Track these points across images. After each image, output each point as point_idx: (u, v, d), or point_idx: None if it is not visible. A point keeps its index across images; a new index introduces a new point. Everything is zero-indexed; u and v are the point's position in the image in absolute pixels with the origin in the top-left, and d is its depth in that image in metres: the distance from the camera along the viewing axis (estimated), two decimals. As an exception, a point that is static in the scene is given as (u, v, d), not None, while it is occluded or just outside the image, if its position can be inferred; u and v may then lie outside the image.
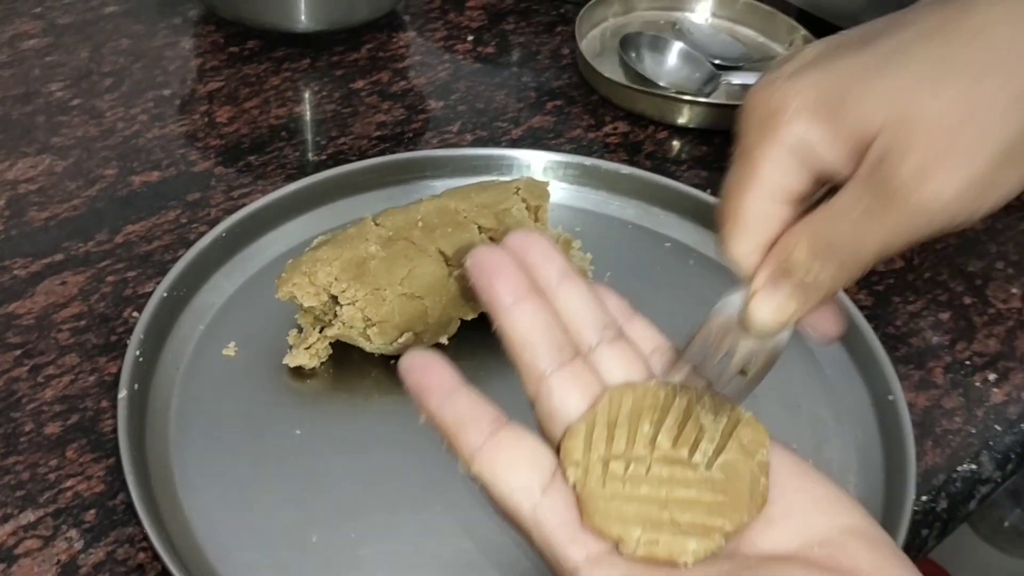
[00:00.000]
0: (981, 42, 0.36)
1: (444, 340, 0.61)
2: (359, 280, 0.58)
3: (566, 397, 0.39)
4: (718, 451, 0.38)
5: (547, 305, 0.39)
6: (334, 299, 0.58)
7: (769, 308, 0.40)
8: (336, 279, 0.57)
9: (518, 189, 0.63)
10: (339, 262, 0.57)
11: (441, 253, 0.60)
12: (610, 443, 0.38)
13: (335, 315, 0.58)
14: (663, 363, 0.42)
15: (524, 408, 0.39)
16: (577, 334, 0.40)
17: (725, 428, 0.39)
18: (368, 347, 0.59)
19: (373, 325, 0.58)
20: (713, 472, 0.38)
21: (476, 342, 0.62)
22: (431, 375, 0.38)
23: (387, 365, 0.60)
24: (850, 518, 0.37)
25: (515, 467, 0.36)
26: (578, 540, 0.36)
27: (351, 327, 0.58)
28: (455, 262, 0.59)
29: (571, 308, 0.40)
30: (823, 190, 0.40)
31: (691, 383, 0.41)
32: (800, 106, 0.37)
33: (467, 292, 0.60)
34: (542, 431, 0.39)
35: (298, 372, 0.60)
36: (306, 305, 0.58)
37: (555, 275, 0.40)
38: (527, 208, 0.63)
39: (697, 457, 0.38)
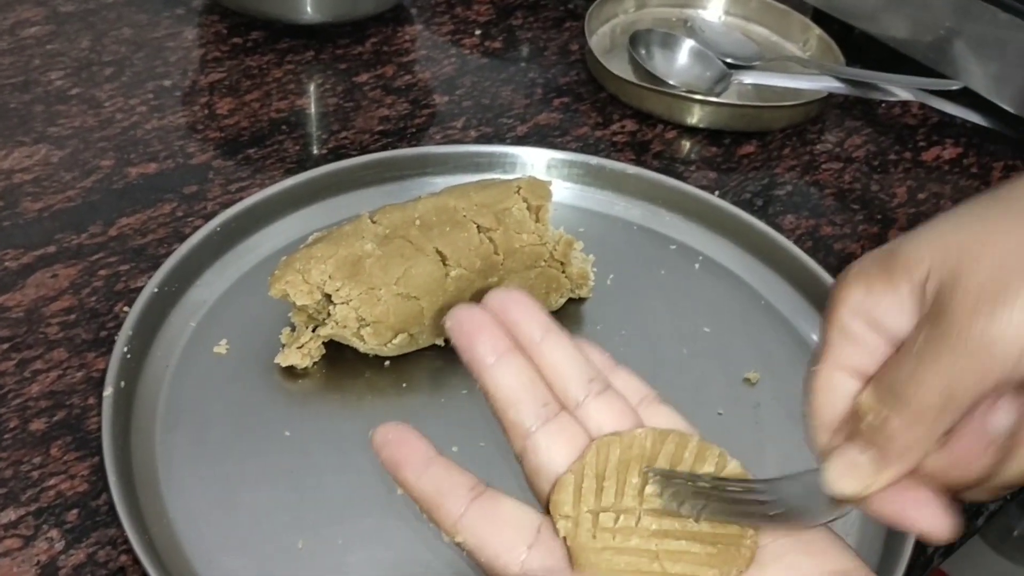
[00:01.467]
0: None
1: (440, 342, 0.60)
2: (354, 279, 0.56)
3: (553, 452, 0.38)
4: (705, 502, 0.37)
5: (530, 362, 0.38)
6: (328, 298, 0.57)
7: (843, 466, 0.36)
8: (330, 277, 0.56)
9: (519, 188, 0.62)
10: (334, 260, 0.56)
11: (439, 253, 0.58)
12: (599, 495, 0.38)
13: (328, 314, 0.57)
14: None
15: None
16: (563, 390, 0.39)
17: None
18: (362, 347, 0.58)
19: (367, 325, 0.56)
20: (701, 525, 0.37)
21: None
22: (405, 448, 0.38)
23: (381, 366, 0.59)
24: (839, 562, 0.36)
25: (499, 530, 0.36)
26: None
27: (344, 327, 0.57)
28: (453, 262, 0.58)
29: (555, 363, 0.39)
30: None
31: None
32: (857, 273, 0.37)
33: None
34: (531, 486, 0.39)
35: (290, 371, 0.58)
36: (299, 304, 0.56)
37: (538, 332, 0.39)
38: (528, 208, 0.61)
39: (685, 508, 0.37)
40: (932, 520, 0.35)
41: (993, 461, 0.35)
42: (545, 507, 0.38)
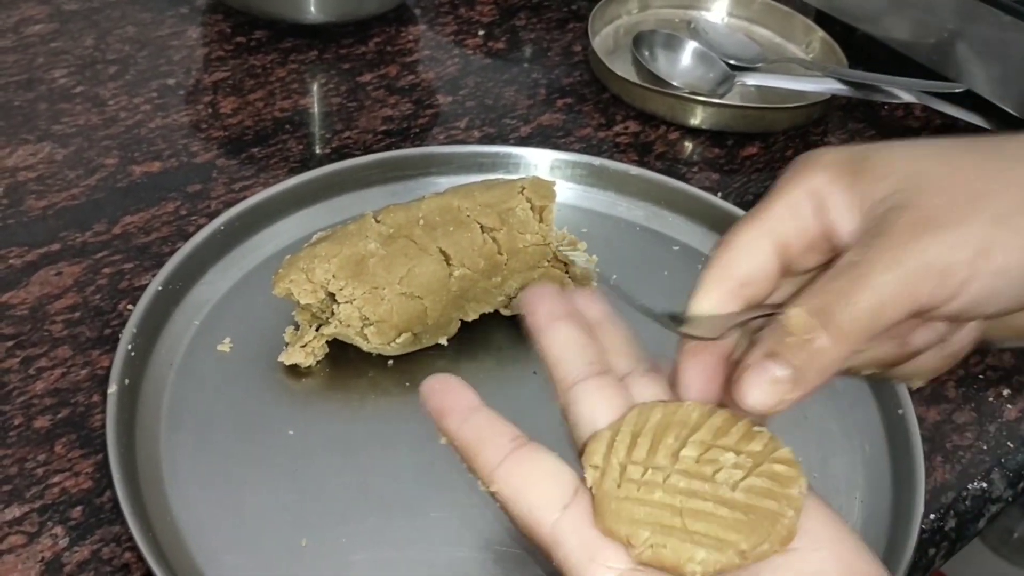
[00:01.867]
0: (1006, 148, 0.38)
1: (444, 341, 0.60)
2: (357, 278, 0.56)
3: (595, 406, 0.38)
4: (746, 475, 0.36)
5: (585, 330, 0.40)
6: (332, 297, 0.57)
7: (757, 381, 0.36)
8: (334, 277, 0.56)
9: (523, 188, 0.62)
10: (338, 259, 0.56)
11: (442, 252, 0.58)
12: (632, 450, 0.37)
13: (332, 313, 0.57)
14: None
15: (529, 413, 0.38)
16: (613, 361, 0.40)
17: (758, 456, 0.37)
18: (365, 346, 0.58)
19: (371, 324, 0.56)
20: (736, 493, 0.36)
21: (476, 343, 0.61)
22: (450, 396, 0.38)
23: (384, 365, 0.59)
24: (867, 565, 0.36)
25: (536, 484, 0.36)
26: (598, 559, 0.34)
27: (348, 326, 0.57)
28: (457, 261, 0.58)
29: (608, 340, 0.41)
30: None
31: None
32: (829, 162, 0.37)
33: (466, 292, 0.59)
34: (572, 441, 0.39)
35: (293, 370, 0.58)
36: (303, 303, 0.56)
37: (598, 315, 0.41)
38: (531, 208, 0.61)
39: (721, 476, 0.36)
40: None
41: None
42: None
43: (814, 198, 0.37)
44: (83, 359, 0.58)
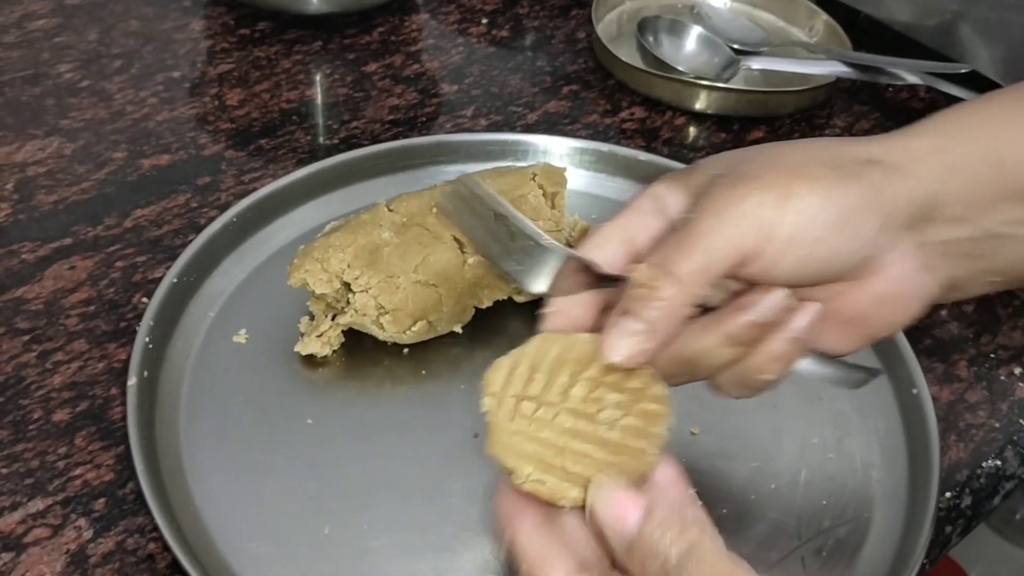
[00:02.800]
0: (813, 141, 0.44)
1: (458, 329, 0.60)
2: (372, 267, 0.56)
3: None
4: (624, 414, 0.40)
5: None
6: (347, 286, 0.57)
7: (617, 335, 0.41)
8: (349, 266, 0.56)
9: (535, 175, 0.62)
10: (352, 248, 0.56)
11: (456, 240, 0.58)
12: (528, 384, 0.40)
13: (347, 302, 0.57)
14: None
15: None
16: None
17: (637, 393, 0.41)
18: (381, 335, 0.58)
19: (386, 313, 0.57)
20: (612, 433, 0.40)
21: (491, 331, 0.61)
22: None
23: (399, 354, 0.59)
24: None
25: None
26: None
27: (364, 315, 0.57)
28: (471, 249, 0.58)
29: None
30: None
31: None
32: (667, 176, 0.44)
33: (482, 280, 0.59)
34: None
35: (310, 360, 0.59)
36: (318, 292, 0.57)
37: None
38: (544, 195, 0.62)
39: (603, 415, 0.40)
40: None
41: (739, 353, 0.42)
42: None
43: (655, 199, 0.43)
44: (100, 352, 0.58)
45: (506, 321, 0.62)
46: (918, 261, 0.43)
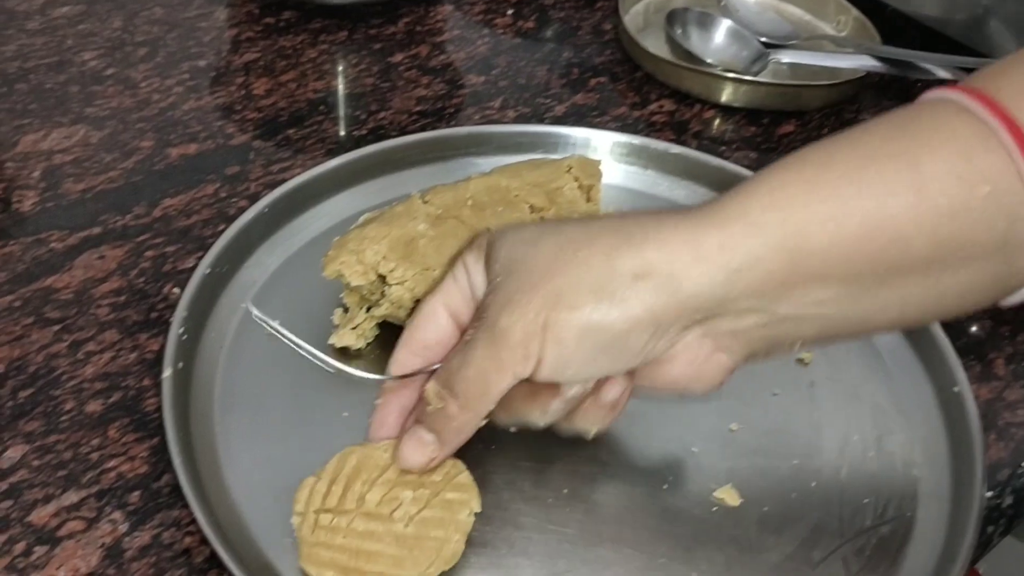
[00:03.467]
0: (590, 227, 0.44)
1: None
2: (408, 259, 0.56)
3: None
4: (421, 508, 0.45)
5: None
6: (382, 278, 0.56)
7: (411, 445, 0.46)
8: (384, 258, 0.55)
9: (570, 167, 0.61)
10: (387, 240, 0.56)
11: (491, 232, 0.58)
12: (326, 497, 0.45)
13: (383, 294, 0.57)
14: None
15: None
16: None
17: (437, 485, 0.46)
18: None
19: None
20: (407, 529, 0.44)
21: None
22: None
23: (434, 347, 0.59)
24: None
25: None
26: None
27: (400, 307, 0.56)
28: None
29: None
30: None
31: None
32: (478, 244, 0.46)
33: None
34: None
35: (343, 352, 0.58)
36: (353, 284, 0.56)
37: None
38: (579, 187, 0.61)
39: (398, 513, 0.45)
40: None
41: (560, 416, 0.47)
42: None
43: (466, 271, 0.46)
44: (131, 343, 0.57)
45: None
46: (708, 347, 0.44)
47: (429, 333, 0.47)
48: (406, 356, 0.48)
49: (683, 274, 0.41)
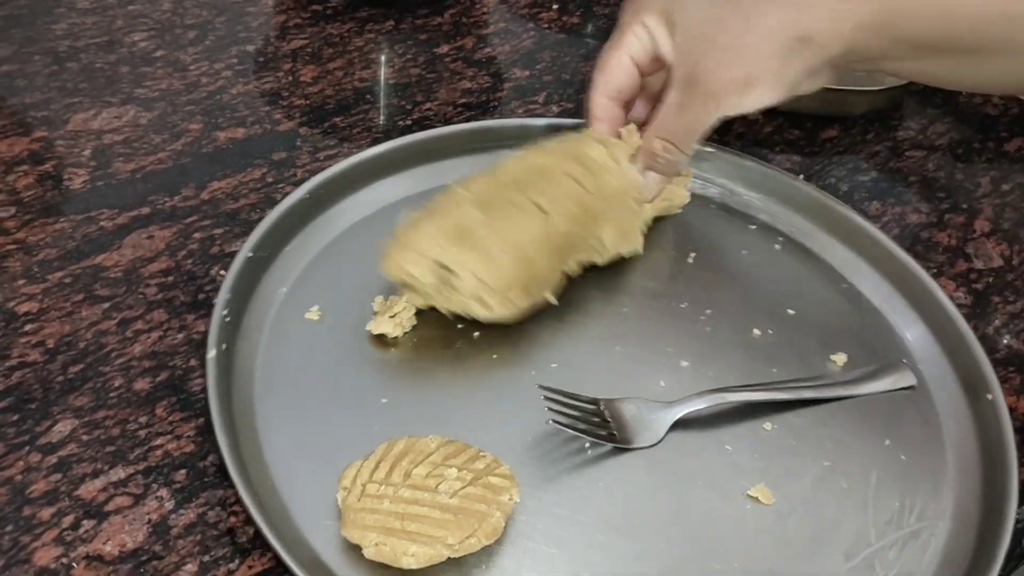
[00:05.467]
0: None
1: (552, 298, 0.60)
2: (467, 245, 0.56)
3: None
4: (465, 486, 0.47)
5: None
6: (444, 268, 0.56)
7: (650, 184, 0.63)
8: (442, 247, 0.56)
9: (594, 135, 0.63)
10: (443, 231, 0.56)
11: (539, 207, 0.58)
12: (374, 473, 0.48)
13: (447, 285, 0.57)
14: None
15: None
16: None
17: (480, 472, 0.48)
18: (485, 315, 0.57)
19: (490, 290, 0.56)
20: (451, 500, 0.47)
21: (563, 319, 0.61)
22: None
23: (471, 337, 0.59)
24: None
25: None
26: None
27: (469, 296, 0.57)
28: (555, 214, 0.58)
29: None
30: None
31: None
32: (654, 4, 0.58)
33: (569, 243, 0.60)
34: None
35: (381, 339, 0.59)
36: (422, 279, 0.56)
37: None
38: (608, 154, 0.62)
39: (443, 487, 0.47)
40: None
41: None
42: None
43: (647, 31, 0.58)
44: (178, 323, 0.58)
45: (585, 294, 0.62)
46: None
47: (621, 79, 0.60)
48: (602, 99, 0.61)
49: (832, 39, 0.54)
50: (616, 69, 0.60)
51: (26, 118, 0.71)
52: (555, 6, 0.90)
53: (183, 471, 0.51)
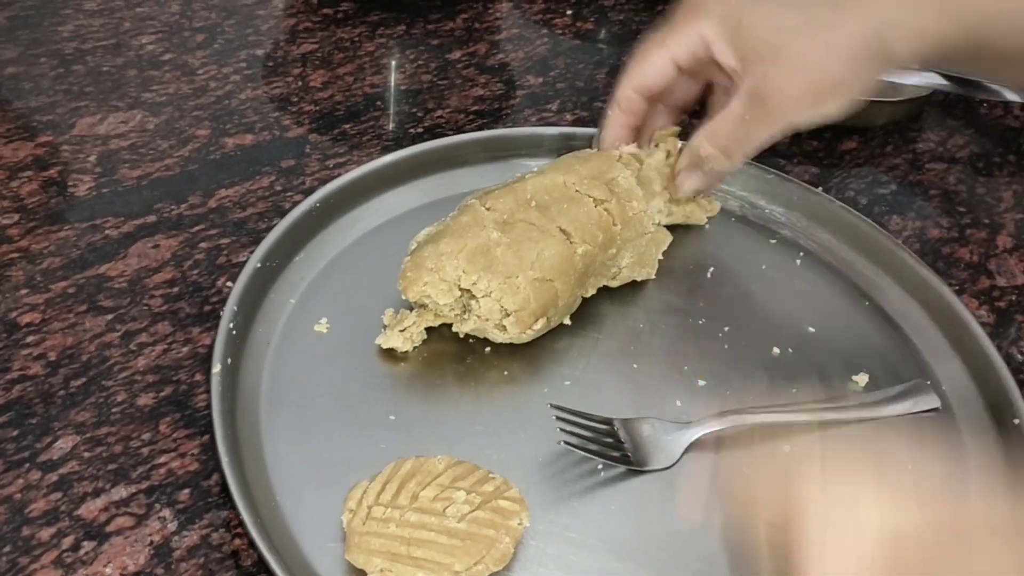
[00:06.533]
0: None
1: (567, 321, 0.59)
2: (489, 270, 0.54)
3: None
4: (473, 509, 0.46)
5: None
6: (465, 292, 0.55)
7: (689, 184, 0.62)
8: (464, 272, 0.54)
9: (620, 156, 0.61)
10: (464, 253, 0.54)
11: (562, 231, 0.57)
12: (380, 495, 0.47)
13: (464, 309, 0.56)
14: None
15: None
16: None
17: (489, 495, 0.47)
18: (500, 338, 0.56)
19: (509, 315, 0.55)
20: (459, 524, 0.45)
21: (576, 333, 0.60)
22: None
23: (482, 352, 0.58)
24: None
25: None
26: None
27: (487, 319, 0.55)
28: (578, 238, 0.57)
29: None
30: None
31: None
32: (714, 13, 0.56)
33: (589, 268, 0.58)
34: None
35: (390, 354, 0.57)
36: (442, 302, 0.55)
37: None
38: (633, 175, 0.61)
39: (451, 511, 0.46)
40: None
41: None
42: None
43: (703, 40, 0.56)
44: (184, 336, 0.57)
45: (601, 308, 0.61)
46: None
47: (657, 78, 0.58)
48: (631, 94, 0.60)
49: (894, 46, 0.54)
50: (656, 67, 0.58)
51: (31, 122, 0.69)
52: (569, 12, 0.88)
53: (186, 491, 0.49)
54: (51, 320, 0.56)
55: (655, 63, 0.58)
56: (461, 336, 0.58)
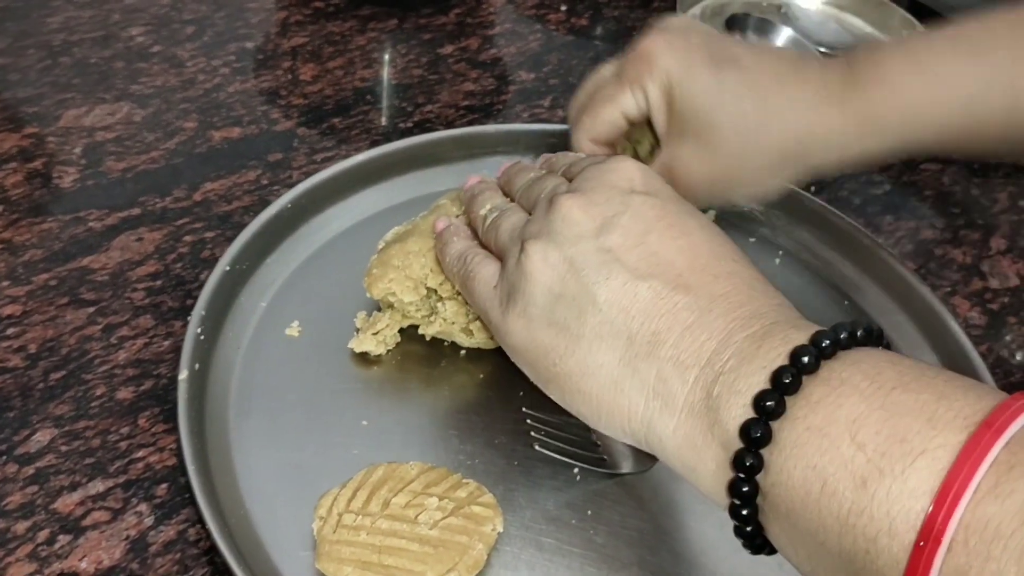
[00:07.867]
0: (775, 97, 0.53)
1: None
2: None
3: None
4: (446, 516, 0.46)
5: None
6: (432, 292, 0.54)
7: None
8: (432, 271, 0.53)
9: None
10: (432, 253, 0.53)
11: None
12: (351, 502, 0.46)
13: (432, 310, 0.55)
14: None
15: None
16: None
17: (462, 501, 0.47)
18: (466, 342, 0.56)
19: (476, 319, 0.54)
20: (431, 531, 0.45)
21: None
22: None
23: (456, 355, 0.56)
24: None
25: None
26: None
27: (453, 323, 0.54)
28: None
29: None
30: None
31: None
32: (661, 63, 0.54)
33: None
34: None
35: (363, 357, 0.55)
36: (407, 300, 0.54)
37: None
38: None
39: (423, 517, 0.45)
40: None
41: None
42: None
43: (646, 99, 0.55)
44: (165, 330, 0.56)
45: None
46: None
47: (607, 130, 0.57)
48: (587, 144, 0.58)
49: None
50: (607, 123, 0.57)
51: (17, 113, 0.69)
52: (563, 7, 0.88)
53: (164, 485, 0.49)
54: (32, 312, 0.56)
55: (606, 120, 0.57)
56: (432, 341, 0.57)
